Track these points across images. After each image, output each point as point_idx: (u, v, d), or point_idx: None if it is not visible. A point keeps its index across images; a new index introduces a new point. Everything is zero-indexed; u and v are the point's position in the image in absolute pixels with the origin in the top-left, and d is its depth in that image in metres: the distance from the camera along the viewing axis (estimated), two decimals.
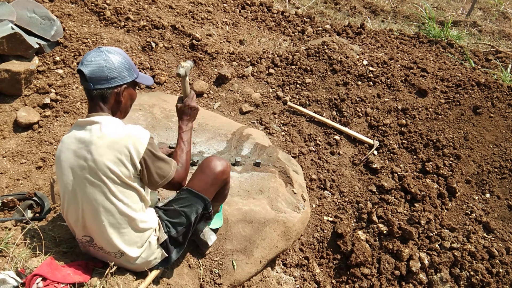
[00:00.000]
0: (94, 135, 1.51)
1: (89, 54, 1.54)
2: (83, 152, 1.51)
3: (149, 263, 1.72)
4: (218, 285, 2.08)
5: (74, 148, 1.53)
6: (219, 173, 1.80)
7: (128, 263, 1.67)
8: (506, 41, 5.91)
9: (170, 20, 4.21)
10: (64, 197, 1.59)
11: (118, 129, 1.53)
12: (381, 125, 3.72)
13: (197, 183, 1.78)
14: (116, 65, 1.56)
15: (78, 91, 3.36)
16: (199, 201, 1.76)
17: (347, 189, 3.31)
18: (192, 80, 3.84)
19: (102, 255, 1.67)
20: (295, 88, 3.96)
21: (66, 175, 1.54)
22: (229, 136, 2.89)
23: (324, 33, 5.07)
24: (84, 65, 1.51)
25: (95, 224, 1.55)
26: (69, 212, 1.60)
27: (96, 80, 1.53)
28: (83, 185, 1.52)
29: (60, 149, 1.58)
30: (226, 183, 1.92)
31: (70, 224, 1.65)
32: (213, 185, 1.81)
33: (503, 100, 3.78)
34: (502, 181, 3.35)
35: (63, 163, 1.55)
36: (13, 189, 2.74)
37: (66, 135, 1.60)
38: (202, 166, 1.82)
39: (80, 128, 1.56)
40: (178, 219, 1.73)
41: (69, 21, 3.76)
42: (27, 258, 1.70)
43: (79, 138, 1.53)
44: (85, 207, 1.54)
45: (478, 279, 2.76)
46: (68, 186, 1.55)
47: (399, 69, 4.17)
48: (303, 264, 2.82)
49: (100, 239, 1.59)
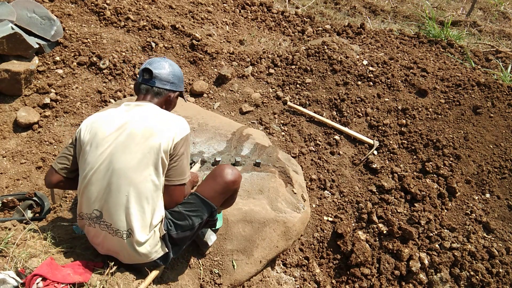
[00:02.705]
0: (145, 112, 1.68)
1: (156, 59, 1.82)
2: (133, 123, 1.63)
3: (150, 255, 1.70)
4: (218, 285, 2.08)
5: (122, 120, 1.65)
6: (230, 182, 1.82)
7: (131, 247, 1.64)
8: (506, 41, 5.91)
9: (170, 20, 4.21)
10: (89, 166, 1.62)
11: (167, 112, 1.75)
12: (381, 125, 3.72)
13: (207, 190, 1.80)
14: (178, 75, 1.86)
15: (78, 91, 3.36)
16: (206, 208, 1.76)
17: (347, 189, 3.31)
18: (192, 80, 3.84)
19: (105, 236, 1.65)
20: (295, 88, 3.96)
21: (103, 144, 1.61)
22: (229, 136, 2.89)
23: (324, 33, 5.07)
24: (153, 67, 1.77)
25: (117, 195, 1.58)
26: (90, 183, 1.62)
27: (160, 80, 1.79)
28: (120, 153, 1.59)
29: (95, 121, 1.69)
30: (236, 191, 1.94)
31: (83, 198, 1.65)
32: (223, 194, 1.83)
33: (503, 100, 3.78)
34: (502, 181, 3.35)
35: (103, 132, 1.63)
36: (13, 189, 2.74)
37: (104, 112, 1.74)
38: (214, 174, 1.84)
39: (128, 107, 1.72)
40: (182, 222, 1.73)
41: (69, 21, 3.76)
42: (27, 258, 1.70)
43: (128, 113, 1.68)
44: (114, 175, 1.58)
45: (478, 279, 2.76)
46: (101, 154, 1.60)
47: (399, 69, 4.17)
48: (303, 264, 2.82)
49: (113, 214, 1.59)
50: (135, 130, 1.61)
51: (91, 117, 1.75)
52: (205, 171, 2.47)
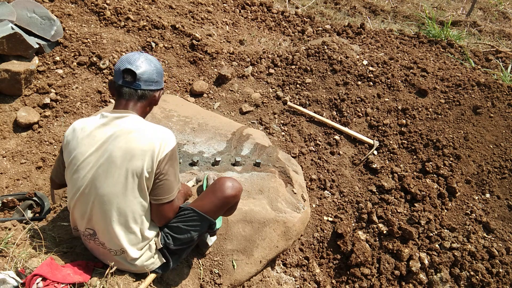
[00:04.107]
0: (124, 128, 1.52)
1: (133, 56, 1.60)
2: (113, 143, 1.50)
3: (148, 266, 1.71)
4: (218, 285, 2.08)
5: (100, 139, 1.52)
6: (230, 197, 1.76)
7: (126, 262, 1.66)
8: (506, 41, 5.90)
9: (170, 20, 4.21)
10: (74, 187, 1.56)
11: (149, 125, 1.58)
12: (381, 125, 3.72)
13: (206, 205, 1.74)
14: (160, 71, 1.68)
15: (78, 91, 3.36)
16: (205, 223, 1.73)
17: (347, 189, 3.31)
18: (192, 80, 3.84)
19: (103, 251, 1.66)
20: (295, 88, 3.95)
21: (84, 166, 1.52)
22: (229, 136, 2.88)
23: (324, 33, 5.07)
24: (134, 67, 1.57)
25: (104, 220, 1.54)
26: (77, 204, 1.58)
27: (145, 81, 1.61)
28: (103, 178, 1.51)
29: (77, 137, 1.56)
30: (236, 203, 1.89)
31: (74, 215, 1.63)
32: (222, 207, 1.78)
33: (503, 100, 3.78)
34: (502, 181, 3.35)
35: (82, 153, 1.53)
36: (13, 189, 2.74)
37: (84, 124, 1.58)
38: (214, 188, 1.78)
39: (105, 120, 1.56)
40: (181, 235, 1.70)
41: (69, 21, 3.76)
42: (27, 258, 1.70)
43: (106, 129, 1.53)
44: (97, 201, 1.53)
45: (478, 279, 2.76)
46: (84, 178, 1.53)
47: (399, 69, 4.17)
48: (303, 264, 2.82)
49: (104, 235, 1.58)
50: (114, 152, 1.49)
51: (70, 129, 1.61)
52: (204, 171, 2.47)
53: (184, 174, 2.41)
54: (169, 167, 1.56)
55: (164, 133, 1.58)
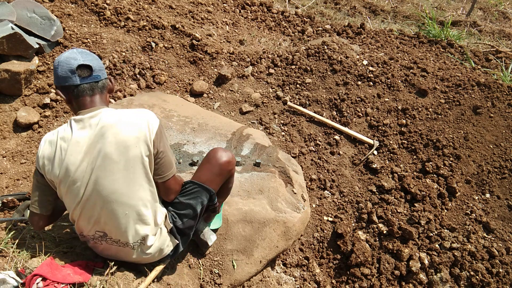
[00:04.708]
0: (106, 123, 1.48)
1: (73, 54, 1.51)
2: (102, 142, 1.47)
3: (162, 252, 1.75)
4: (218, 285, 2.08)
5: (85, 143, 1.48)
6: (224, 163, 1.81)
7: (143, 253, 1.68)
8: (506, 41, 5.90)
9: (170, 20, 4.21)
10: (76, 198, 1.52)
11: (126, 112, 1.55)
12: (381, 125, 3.72)
13: (203, 175, 1.80)
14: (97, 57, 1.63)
15: None
16: (205, 193, 1.77)
17: (347, 189, 3.31)
18: (192, 80, 3.84)
19: (117, 249, 1.66)
20: (295, 88, 3.95)
21: (79, 174, 1.48)
22: (229, 136, 2.88)
23: (324, 33, 5.07)
24: (85, 60, 1.52)
25: (114, 218, 1.54)
26: (83, 212, 1.55)
27: (99, 70, 1.58)
28: (103, 178, 1.48)
29: (59, 150, 1.49)
30: (231, 175, 1.93)
31: (80, 224, 1.60)
32: (219, 176, 1.82)
33: (503, 100, 3.78)
34: (502, 181, 3.35)
35: (72, 162, 1.48)
36: (13, 189, 2.74)
37: (58, 136, 1.51)
38: (208, 157, 1.84)
39: (81, 123, 1.51)
40: (184, 211, 1.75)
41: (69, 21, 3.76)
42: (27, 258, 1.70)
43: (88, 131, 1.49)
44: (103, 202, 1.51)
45: (478, 279, 2.76)
46: (84, 185, 1.50)
47: (399, 69, 4.17)
48: (303, 264, 2.82)
49: (118, 232, 1.58)
50: (108, 149, 1.47)
51: (45, 147, 1.52)
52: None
53: (184, 174, 2.41)
54: (163, 144, 1.59)
55: (145, 114, 1.57)
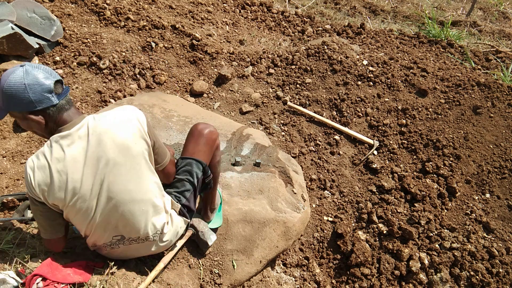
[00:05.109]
0: (97, 131, 1.44)
1: (35, 70, 1.39)
2: (101, 149, 1.43)
3: (177, 235, 1.82)
4: (218, 285, 2.08)
5: (81, 155, 1.43)
6: (208, 133, 1.85)
7: (161, 242, 1.73)
8: (506, 41, 5.90)
9: (170, 20, 4.21)
10: (89, 213, 1.49)
11: (112, 113, 1.51)
12: (381, 125, 3.72)
13: (190, 148, 1.84)
14: None
15: (78, 91, 3.36)
16: (196, 165, 1.80)
17: (347, 189, 3.31)
18: (192, 80, 3.84)
19: (136, 247, 1.68)
20: (295, 88, 3.96)
21: (87, 188, 1.44)
22: (229, 136, 2.88)
23: (324, 33, 5.07)
24: (53, 77, 1.42)
25: (132, 218, 1.56)
26: (99, 225, 1.53)
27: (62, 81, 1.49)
28: (114, 183, 1.47)
29: (56, 172, 1.40)
30: (217, 147, 1.95)
31: (94, 237, 1.59)
32: (205, 146, 1.85)
33: (503, 100, 3.78)
34: (502, 181, 3.35)
35: (76, 179, 1.42)
36: (13, 189, 2.74)
37: (49, 158, 1.40)
38: (191, 132, 1.88)
39: (70, 138, 1.43)
40: (183, 187, 1.79)
41: (69, 21, 3.76)
42: (27, 258, 1.70)
43: (80, 143, 1.43)
44: (118, 206, 1.51)
45: (478, 279, 2.76)
46: (96, 198, 1.47)
47: (399, 69, 4.17)
48: (303, 264, 2.82)
49: (136, 229, 1.60)
50: (111, 155, 1.44)
51: (37, 174, 1.39)
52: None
53: None
54: (154, 133, 1.63)
55: (131, 110, 1.56)
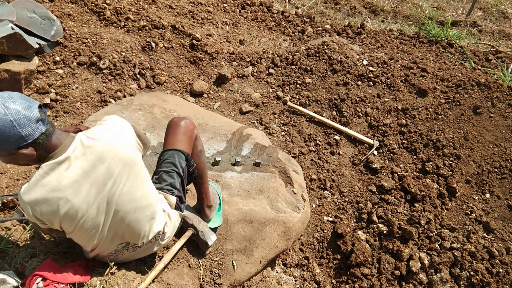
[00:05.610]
0: (94, 150, 1.41)
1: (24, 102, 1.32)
2: (103, 165, 1.42)
3: (176, 229, 1.87)
4: (218, 285, 2.08)
5: (82, 176, 1.39)
6: (184, 124, 1.88)
7: (163, 240, 1.78)
8: (506, 41, 5.90)
9: (170, 20, 4.21)
10: (97, 229, 1.49)
11: (102, 129, 1.49)
12: (381, 125, 3.72)
13: (170, 140, 1.87)
14: None
15: (78, 91, 3.36)
16: (178, 154, 1.82)
17: (347, 189, 3.31)
18: (192, 80, 3.84)
19: (141, 250, 1.73)
20: (295, 88, 3.95)
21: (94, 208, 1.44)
22: (229, 136, 2.88)
23: (324, 33, 5.07)
24: (33, 104, 1.32)
25: (137, 225, 1.59)
26: (107, 238, 1.55)
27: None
28: (121, 196, 1.50)
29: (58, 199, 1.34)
30: (196, 137, 1.96)
31: (100, 249, 1.61)
32: (184, 135, 1.87)
33: (503, 100, 3.78)
34: (502, 181, 3.35)
35: (81, 202, 1.40)
36: (13, 189, 2.74)
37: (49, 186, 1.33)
38: (168, 125, 1.92)
39: (67, 162, 1.37)
40: (171, 178, 1.81)
41: (69, 21, 3.76)
42: (27, 258, 1.70)
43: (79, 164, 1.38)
44: (124, 217, 1.54)
45: (478, 279, 2.76)
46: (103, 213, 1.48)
47: (399, 69, 4.17)
48: (303, 264, 2.82)
49: (141, 235, 1.63)
50: (115, 170, 1.45)
51: (43, 206, 1.33)
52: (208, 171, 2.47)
53: None
54: (139, 134, 1.65)
55: (119, 123, 1.56)
